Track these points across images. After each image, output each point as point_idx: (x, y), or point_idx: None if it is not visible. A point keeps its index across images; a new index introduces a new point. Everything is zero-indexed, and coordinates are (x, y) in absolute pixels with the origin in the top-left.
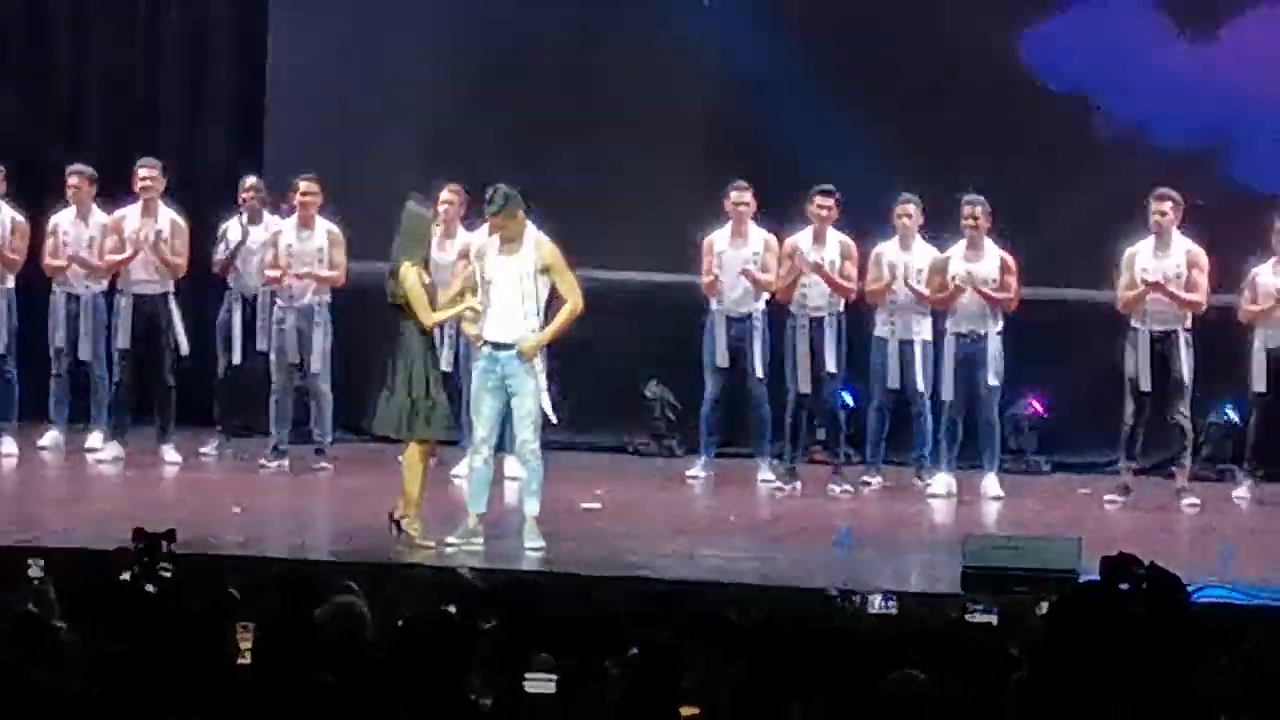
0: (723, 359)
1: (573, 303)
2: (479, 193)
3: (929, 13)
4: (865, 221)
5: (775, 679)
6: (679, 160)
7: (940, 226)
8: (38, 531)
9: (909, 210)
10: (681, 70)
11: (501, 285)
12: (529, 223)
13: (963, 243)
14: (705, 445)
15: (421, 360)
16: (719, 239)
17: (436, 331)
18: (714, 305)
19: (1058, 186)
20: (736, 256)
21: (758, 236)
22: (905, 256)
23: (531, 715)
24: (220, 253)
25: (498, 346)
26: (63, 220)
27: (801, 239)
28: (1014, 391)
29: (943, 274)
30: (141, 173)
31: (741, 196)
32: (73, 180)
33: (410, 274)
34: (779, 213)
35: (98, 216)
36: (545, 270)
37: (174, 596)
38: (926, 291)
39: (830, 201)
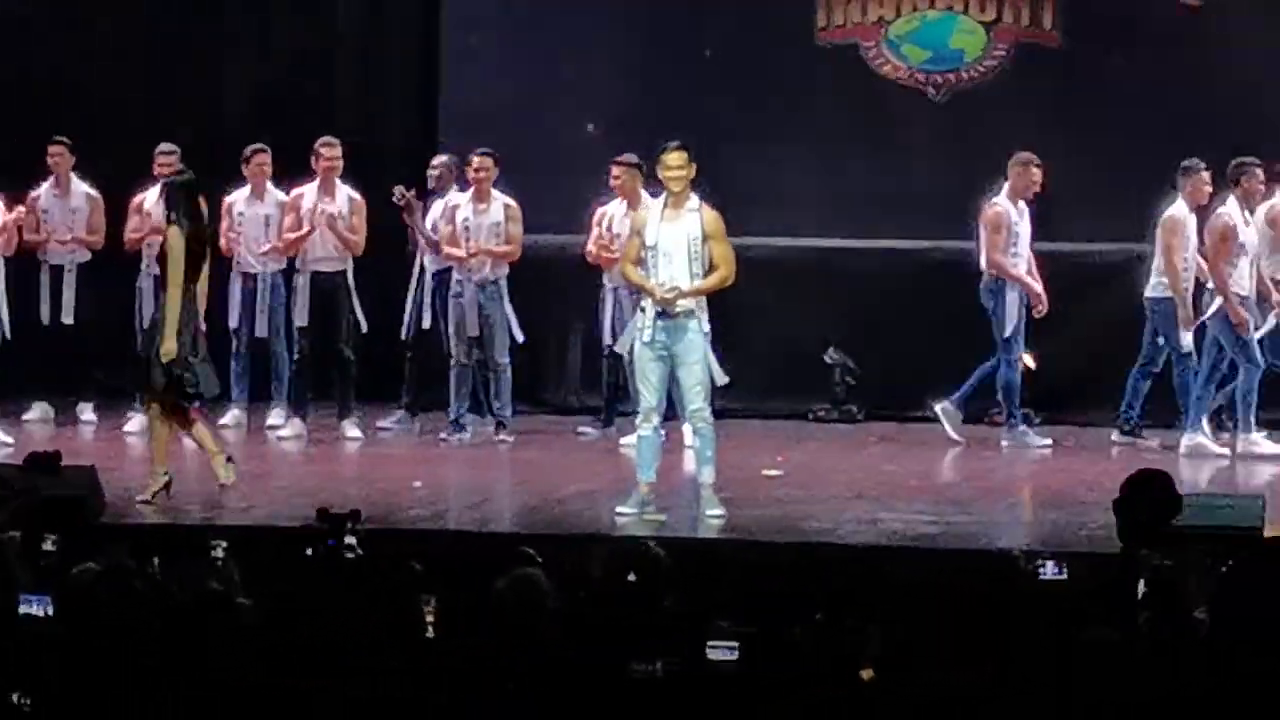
0: None
1: (725, 271)
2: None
3: None
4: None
5: (953, 641)
6: (853, 126)
7: None
8: (220, 509)
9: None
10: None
11: (667, 251)
12: (693, 192)
13: None
14: None
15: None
16: None
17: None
18: None
19: None
20: None
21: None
22: None
23: (715, 683)
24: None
25: (663, 315)
26: (238, 200)
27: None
28: None
29: None
30: (324, 152)
31: None
32: (254, 160)
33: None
34: None
35: (273, 195)
36: (706, 237)
37: (358, 570)
38: None
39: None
